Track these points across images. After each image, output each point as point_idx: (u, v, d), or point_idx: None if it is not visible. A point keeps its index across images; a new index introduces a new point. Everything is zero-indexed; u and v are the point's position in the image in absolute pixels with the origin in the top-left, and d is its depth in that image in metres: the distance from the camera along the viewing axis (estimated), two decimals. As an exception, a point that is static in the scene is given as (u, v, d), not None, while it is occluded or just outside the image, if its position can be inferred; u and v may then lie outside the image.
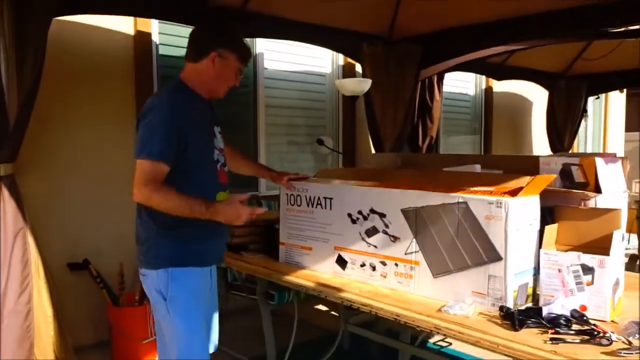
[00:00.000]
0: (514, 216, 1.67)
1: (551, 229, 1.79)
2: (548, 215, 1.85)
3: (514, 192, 1.71)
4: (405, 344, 2.45)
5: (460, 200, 1.77)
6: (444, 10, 3.69)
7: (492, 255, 1.69)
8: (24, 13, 2.40)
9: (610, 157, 1.99)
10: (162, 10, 3.12)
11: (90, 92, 3.25)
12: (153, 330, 3.00)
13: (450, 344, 2.86)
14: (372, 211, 2.04)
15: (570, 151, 6.27)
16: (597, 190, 1.89)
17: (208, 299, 1.95)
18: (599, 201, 1.87)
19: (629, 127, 8.67)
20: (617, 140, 8.09)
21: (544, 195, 1.82)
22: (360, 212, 2.08)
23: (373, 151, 4.59)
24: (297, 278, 2.18)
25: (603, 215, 1.75)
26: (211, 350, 2.08)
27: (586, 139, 7.51)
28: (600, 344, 1.41)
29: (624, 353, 1.35)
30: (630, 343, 1.40)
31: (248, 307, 3.22)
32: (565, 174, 1.96)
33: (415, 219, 1.91)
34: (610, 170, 1.97)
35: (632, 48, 4.51)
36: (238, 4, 3.34)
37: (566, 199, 1.88)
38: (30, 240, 2.55)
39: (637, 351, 1.35)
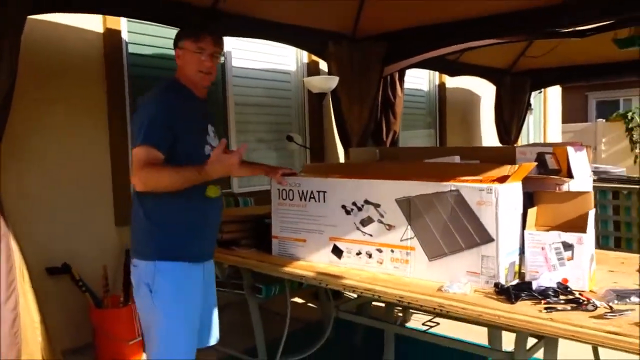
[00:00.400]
0: (503, 201, 1.84)
1: (532, 212, 1.99)
2: (527, 200, 2.05)
3: (501, 180, 1.89)
4: (395, 326, 2.59)
5: (453, 188, 1.93)
6: (406, 11, 3.88)
7: (485, 237, 1.86)
8: (1, 11, 2.34)
9: (577, 146, 2.22)
10: (134, 8, 3.10)
11: (61, 91, 3.19)
12: (139, 331, 3.01)
13: (438, 323, 3.04)
14: (367, 202, 2.17)
15: (516, 143, 6.68)
16: (569, 175, 2.11)
17: (198, 294, 1.98)
18: (571, 185, 2.09)
19: (564, 119, 9.32)
20: (555, 131, 8.67)
21: (524, 181, 2.01)
22: (354, 204, 2.20)
23: (339, 147, 4.74)
24: (295, 269, 2.27)
25: (577, 197, 1.97)
26: (212, 342, 2.15)
27: (528, 131, 8.00)
28: (587, 310, 1.60)
29: (609, 315, 1.55)
30: (611, 308, 1.60)
31: (232, 302, 3.27)
32: (540, 161, 2.17)
33: (410, 207, 2.05)
34: (579, 158, 2.20)
35: (570, 47, 4.89)
36: (209, 3, 3.37)
37: (543, 185, 2.09)
38: (14, 244, 2.49)
39: (619, 313, 1.55)
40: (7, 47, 2.37)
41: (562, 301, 1.67)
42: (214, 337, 2.15)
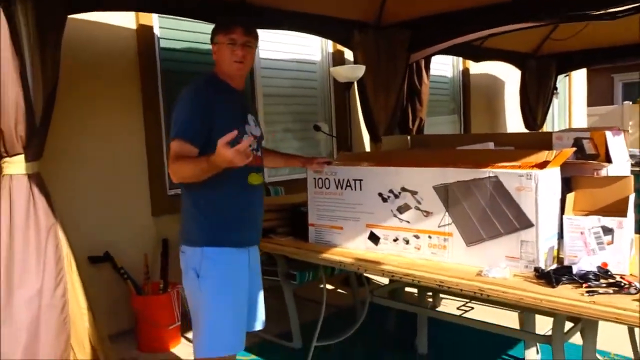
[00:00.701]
0: (542, 187, 1.87)
1: (570, 197, 2.01)
2: (565, 185, 2.07)
3: (540, 165, 1.91)
4: (430, 310, 2.64)
5: (491, 174, 1.96)
6: (430, -2, 3.87)
7: (524, 223, 1.89)
8: (44, 13, 2.42)
9: (615, 130, 2.23)
10: (166, 5, 3.17)
11: (98, 88, 3.28)
12: (178, 316, 3.12)
13: (473, 308, 3.09)
14: (404, 189, 2.21)
15: (542, 127, 6.62)
16: (608, 160, 2.12)
17: (244, 278, 2.05)
18: (609, 170, 2.10)
19: (589, 102, 9.17)
20: (580, 114, 8.54)
21: (562, 167, 2.03)
22: (391, 191, 2.25)
23: (365, 135, 4.76)
24: (333, 255, 2.34)
25: (616, 182, 1.98)
26: (259, 327, 2.21)
27: (553, 115, 7.90)
28: (629, 293, 1.63)
29: (652, 298, 1.57)
30: (653, 290, 1.63)
31: (265, 288, 3.35)
32: (577, 147, 2.18)
33: (447, 194, 2.09)
34: (617, 142, 2.20)
35: (596, 29, 4.81)
36: (237, -4, 3.42)
37: (581, 170, 2.11)
38: (61, 234, 2.60)
39: (662, 296, 1.57)
40: (51, 49, 2.45)
41: (604, 285, 1.69)
42: (260, 321, 2.21)
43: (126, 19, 3.36)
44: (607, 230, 1.84)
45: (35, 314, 2.45)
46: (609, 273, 1.77)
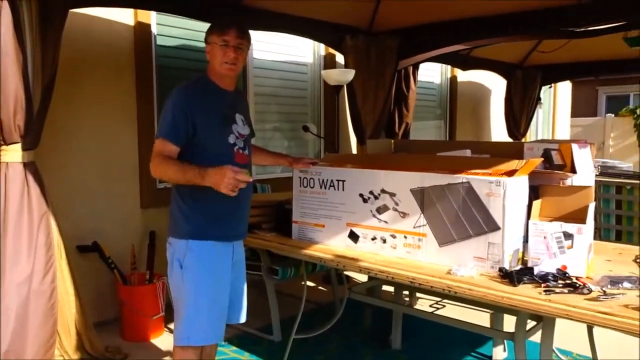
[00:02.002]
0: (510, 193, 2.00)
1: (537, 204, 2.15)
2: (532, 192, 2.21)
3: (509, 173, 2.05)
4: (404, 306, 2.77)
5: (464, 180, 2.10)
6: (422, 7, 4.01)
7: (492, 226, 2.03)
8: (47, 7, 2.51)
9: (582, 143, 2.37)
10: (166, 3, 3.27)
11: (94, 81, 3.37)
12: (162, 307, 3.22)
13: (444, 306, 3.23)
14: (383, 191, 2.34)
15: (525, 137, 6.80)
16: (573, 170, 2.27)
17: (227, 272, 2.13)
18: (574, 180, 2.25)
19: (574, 114, 9.40)
20: (564, 125, 8.76)
21: (530, 175, 2.17)
22: (371, 192, 2.38)
23: (352, 137, 4.89)
24: (315, 252, 2.45)
25: (578, 191, 2.13)
26: (242, 320, 2.30)
27: (537, 125, 8.10)
28: (582, 293, 1.77)
29: (602, 298, 1.71)
30: (605, 292, 1.77)
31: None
32: (546, 157, 2.32)
33: (423, 197, 2.22)
34: (583, 154, 2.35)
35: (580, 43, 4.98)
36: (233, -3, 3.53)
37: (548, 179, 2.25)
38: (53, 222, 2.69)
39: (611, 296, 1.72)
40: (52, 41, 2.54)
41: (560, 285, 1.83)
42: (243, 314, 2.29)
43: (125, 15, 3.45)
44: (568, 236, 1.98)
45: (25, 299, 2.54)
46: (567, 275, 1.92)
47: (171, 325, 3.37)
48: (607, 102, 13.61)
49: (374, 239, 2.38)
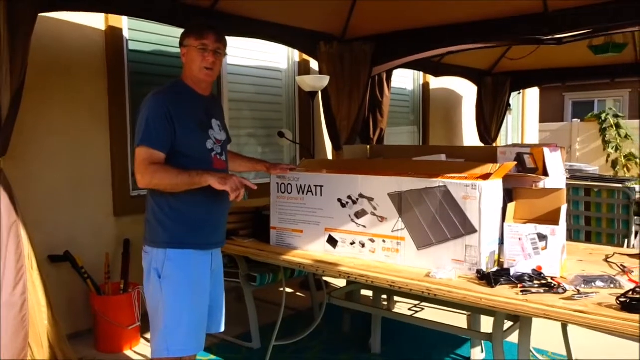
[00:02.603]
0: (485, 196, 2.05)
1: (511, 206, 2.20)
2: (507, 196, 2.26)
3: (484, 177, 2.09)
4: (384, 310, 2.79)
5: (441, 184, 2.13)
6: (394, 14, 4.07)
7: (469, 229, 2.07)
8: (15, 10, 2.45)
9: (553, 147, 2.44)
10: (138, 8, 3.22)
11: (65, 87, 3.30)
12: (138, 317, 3.16)
13: (423, 309, 3.25)
14: (361, 196, 2.35)
15: (496, 141, 6.95)
16: (545, 174, 2.33)
17: (206, 281, 2.10)
18: (546, 183, 2.31)
19: (542, 119, 9.66)
20: (533, 130, 8.98)
21: (504, 179, 2.22)
22: (349, 197, 2.39)
23: (327, 143, 4.91)
24: (294, 257, 2.45)
25: (551, 194, 2.18)
26: (221, 329, 2.26)
27: (507, 130, 8.29)
28: (557, 293, 1.82)
29: (577, 297, 1.76)
30: (579, 291, 1.82)
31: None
32: (519, 161, 2.38)
33: (401, 201, 2.24)
34: (554, 158, 2.42)
35: (548, 51, 5.14)
36: (208, 3, 3.51)
37: (521, 182, 2.31)
38: (23, 232, 2.61)
39: (585, 295, 1.77)
40: (21, 46, 2.48)
41: (536, 285, 1.88)
42: (221, 324, 2.25)
43: (95, 20, 3.39)
44: (542, 237, 2.03)
45: (-6, 311, 2.46)
46: (542, 275, 1.96)
47: (147, 336, 3.31)
48: (573, 108, 14.04)
49: (352, 243, 2.40)
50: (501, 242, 2.16)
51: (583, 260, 2.28)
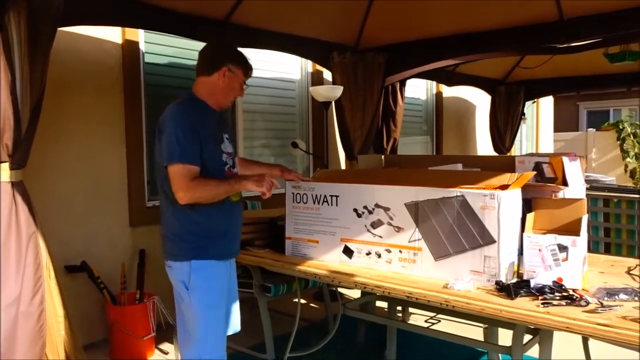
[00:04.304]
0: (504, 206, 2.02)
1: (530, 217, 2.16)
2: (526, 205, 2.23)
3: (503, 187, 2.06)
4: (400, 322, 2.76)
5: (459, 194, 2.11)
6: (408, 24, 4.08)
7: (487, 239, 2.04)
8: (36, 23, 2.49)
9: (572, 156, 2.41)
10: (154, 21, 3.26)
11: (82, 99, 3.34)
12: (153, 327, 3.16)
13: (440, 321, 3.21)
14: (377, 206, 2.34)
15: (510, 151, 6.89)
16: (565, 183, 2.29)
17: (226, 289, 2.16)
18: (566, 193, 2.27)
19: (556, 128, 9.57)
20: (547, 140, 8.90)
21: (523, 188, 2.19)
22: (365, 207, 2.38)
23: (341, 152, 4.91)
24: (309, 267, 2.44)
25: (571, 204, 2.15)
26: (231, 332, 2.30)
27: (521, 139, 8.22)
28: (580, 305, 1.78)
29: (600, 310, 1.72)
30: (602, 304, 1.78)
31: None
32: (537, 170, 2.35)
33: (417, 211, 2.22)
34: (573, 167, 2.38)
35: (563, 59, 5.10)
36: (223, 15, 3.54)
37: (540, 192, 2.27)
38: (41, 243, 2.63)
39: (609, 308, 1.73)
40: (40, 61, 2.52)
41: (558, 297, 1.84)
42: (233, 328, 2.31)
43: (113, 33, 3.44)
44: (563, 248, 1.99)
45: (12, 322, 2.47)
46: (563, 287, 1.93)
47: (162, 346, 3.31)
48: (587, 117, 13.89)
49: (368, 253, 2.38)
50: (520, 252, 2.13)
51: (604, 272, 2.24)
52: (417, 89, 6.25)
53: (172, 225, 2.08)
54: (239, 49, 2.25)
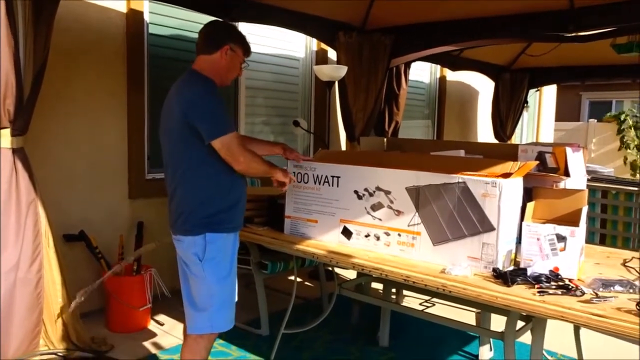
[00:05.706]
0: (505, 194, 2.02)
1: (530, 206, 2.17)
2: (526, 194, 2.23)
3: (505, 175, 2.07)
4: (395, 304, 2.79)
5: (460, 180, 2.11)
6: (415, 7, 4.02)
7: (487, 226, 2.05)
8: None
9: (575, 147, 2.41)
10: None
11: (85, 68, 3.31)
12: (149, 298, 3.19)
13: (434, 304, 3.25)
14: (378, 188, 2.34)
15: (511, 138, 6.88)
16: (566, 174, 2.30)
17: (235, 261, 2.21)
18: (567, 183, 2.28)
19: (557, 118, 9.54)
20: (548, 129, 8.88)
21: (524, 177, 2.20)
22: (366, 189, 2.38)
23: (342, 133, 4.89)
24: (307, 247, 2.45)
25: (572, 194, 2.15)
26: (236, 298, 2.33)
27: (522, 127, 8.21)
28: (575, 295, 1.80)
29: (595, 300, 1.74)
30: (597, 294, 1.80)
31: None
32: (540, 160, 2.35)
33: (418, 195, 2.23)
34: (576, 158, 2.38)
35: (569, 48, 5.06)
36: (227, -11, 3.49)
37: (542, 181, 2.28)
38: (41, 210, 2.64)
39: (604, 299, 1.75)
40: (44, 28, 2.48)
41: (554, 286, 1.86)
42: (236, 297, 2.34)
43: (117, 2, 3.39)
44: (561, 238, 2.01)
45: (11, 288, 2.49)
46: (559, 276, 1.94)
47: (158, 317, 3.34)
48: (589, 108, 13.85)
49: (367, 235, 2.39)
50: (518, 241, 2.14)
51: (600, 264, 2.26)
52: (421, 72, 6.20)
53: (186, 202, 2.09)
54: (244, 24, 2.26)
